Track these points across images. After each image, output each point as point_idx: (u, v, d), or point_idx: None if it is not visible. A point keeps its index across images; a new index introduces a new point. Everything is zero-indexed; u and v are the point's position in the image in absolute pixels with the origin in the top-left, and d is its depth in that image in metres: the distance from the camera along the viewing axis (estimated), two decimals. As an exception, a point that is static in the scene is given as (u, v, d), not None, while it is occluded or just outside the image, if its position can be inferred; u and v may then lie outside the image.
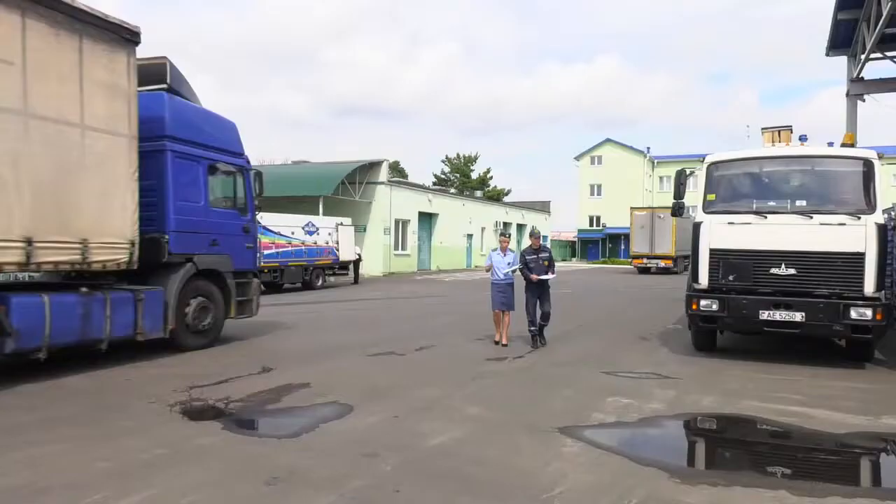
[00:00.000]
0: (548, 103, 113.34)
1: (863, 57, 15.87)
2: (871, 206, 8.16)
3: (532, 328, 10.09)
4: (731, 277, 8.65)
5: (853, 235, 8.07)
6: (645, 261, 35.72)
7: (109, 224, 7.99)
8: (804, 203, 8.58)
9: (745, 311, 8.50)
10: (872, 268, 8.00)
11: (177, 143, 9.21)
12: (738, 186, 9.18)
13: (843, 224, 8.14)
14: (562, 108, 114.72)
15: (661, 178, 63.35)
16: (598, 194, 63.95)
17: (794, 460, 5.31)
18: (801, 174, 8.90)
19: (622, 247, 56.73)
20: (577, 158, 65.85)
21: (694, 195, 9.33)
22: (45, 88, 7.13)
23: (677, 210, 9.59)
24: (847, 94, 17.36)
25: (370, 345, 10.17)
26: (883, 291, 8.17)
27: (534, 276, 9.88)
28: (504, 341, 10.06)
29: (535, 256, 10.01)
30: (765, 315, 8.38)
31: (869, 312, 7.93)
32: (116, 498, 3.98)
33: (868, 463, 5.35)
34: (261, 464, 4.64)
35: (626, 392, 7.03)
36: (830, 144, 9.05)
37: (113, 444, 5.04)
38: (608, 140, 64.71)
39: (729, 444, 5.85)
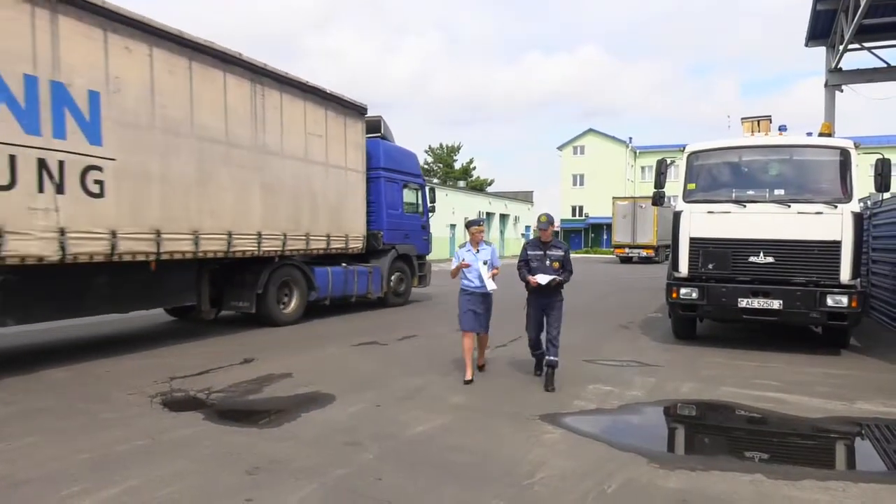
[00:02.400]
0: (531, 94, 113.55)
1: (841, 48, 16.04)
2: (847, 195, 8.28)
3: (536, 352, 7.20)
4: (710, 266, 8.74)
5: (830, 224, 8.18)
6: (627, 250, 36.02)
7: (356, 226, 13.26)
8: (782, 192, 8.67)
9: (724, 300, 8.60)
10: (848, 256, 8.12)
11: (386, 172, 14.14)
12: (718, 175, 9.25)
13: (820, 213, 8.24)
14: (545, 98, 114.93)
15: (642, 168, 63.77)
16: (581, 184, 64.18)
17: (771, 445, 5.39)
18: (779, 163, 8.99)
19: (605, 236, 57.11)
20: (560, 149, 65.98)
21: (675, 185, 9.40)
22: (334, 149, 12.44)
23: (658, 199, 9.66)
24: (826, 85, 17.54)
25: (354, 334, 10.18)
26: (858, 279, 8.31)
27: (533, 279, 6.69)
28: (472, 374, 6.94)
29: (542, 253, 6.86)
30: (743, 303, 8.49)
31: (845, 300, 8.06)
32: (96, 490, 3.95)
33: (842, 447, 5.45)
34: (242, 453, 4.63)
35: (606, 379, 7.10)
36: (809, 134, 9.14)
37: (92, 436, 5.00)
38: (591, 130, 64.87)
39: (707, 430, 5.93)
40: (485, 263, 6.90)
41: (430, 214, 15.91)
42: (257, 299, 10.63)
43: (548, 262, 6.74)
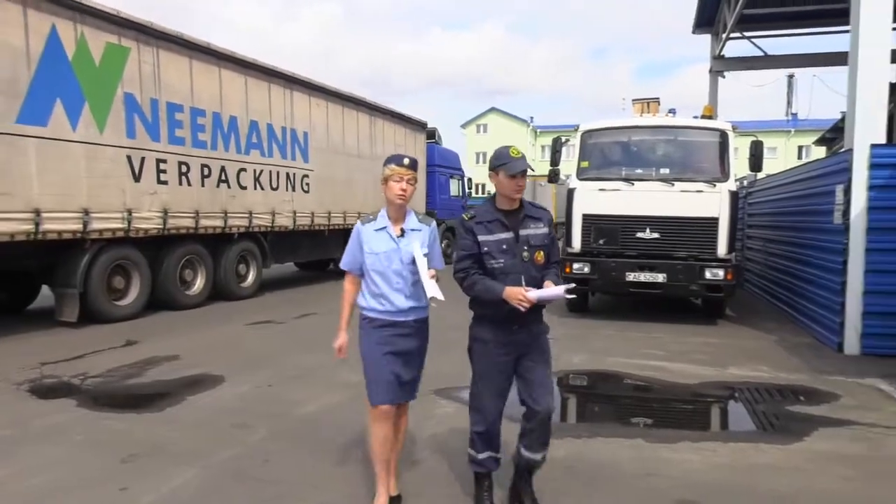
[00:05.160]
0: (433, 71, 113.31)
1: (724, 36, 16.97)
2: (725, 175, 8.80)
3: (484, 454, 3.39)
4: (601, 241, 9.07)
5: (709, 202, 8.67)
6: (527, 228, 36.82)
7: (420, 206, 16.62)
8: (667, 171, 9.10)
9: (614, 274, 8.96)
10: (725, 232, 8.66)
11: (438, 168, 19.00)
12: (609, 154, 9.58)
13: (701, 191, 8.72)
14: (447, 75, 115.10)
15: (542, 147, 65.25)
16: (484, 162, 64.51)
17: (653, 410, 5.68)
18: (664, 143, 9.42)
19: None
20: (464, 126, 66.42)
21: (571, 163, 9.64)
22: (409, 153, 12.06)
23: (553, 177, 9.91)
24: (710, 71, 18.54)
25: (248, 313, 9.83)
26: (734, 254, 8.89)
27: (523, 295, 3.01)
28: (388, 495, 3.42)
29: (509, 234, 3.22)
30: (631, 277, 8.88)
31: (721, 273, 8.61)
32: (-55, 487, 3.59)
33: (716, 409, 5.82)
34: (119, 440, 4.36)
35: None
36: (696, 117, 9.63)
37: (-56, 429, 4.55)
38: (493, 109, 65.65)
39: (596, 399, 6.17)
40: (425, 256, 3.28)
41: (467, 198, 21.39)
42: None
43: (525, 254, 3.19)
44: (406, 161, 3.26)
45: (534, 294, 3.04)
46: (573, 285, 3.42)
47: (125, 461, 3.99)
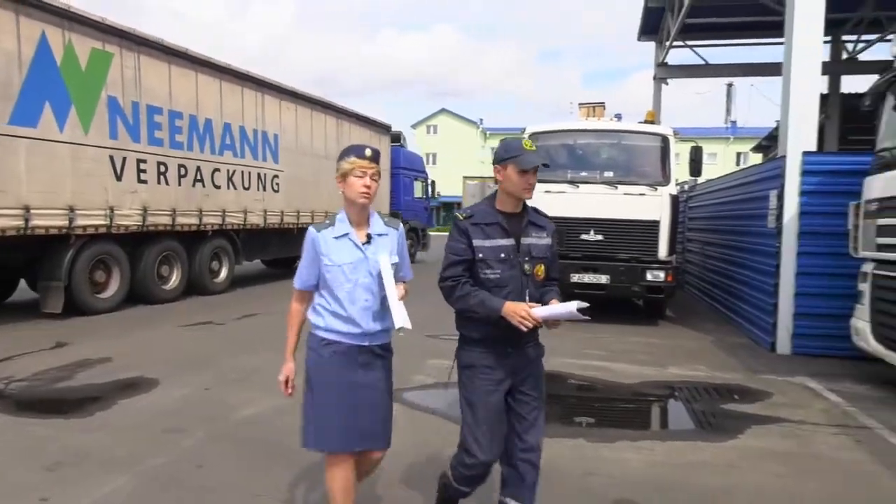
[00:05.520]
0: (384, 71, 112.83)
1: (668, 44, 17.41)
2: (666, 179, 9.02)
3: (464, 489, 2.94)
4: (547, 243, 9.15)
5: (650, 205, 8.88)
6: (476, 229, 37.10)
7: (385, 207, 17.82)
8: (611, 174, 9.26)
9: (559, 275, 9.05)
10: (665, 234, 8.88)
11: (402, 170, 19.64)
12: (556, 157, 9.69)
13: (643, 194, 8.92)
14: (398, 76, 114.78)
15: (492, 149, 65.33)
16: (434, 163, 64.92)
17: (595, 410, 5.76)
18: (609, 147, 9.59)
19: (456, 214, 58.36)
20: (414, 127, 66.33)
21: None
22: None
23: (500, 178, 9.96)
24: (654, 78, 19.00)
25: (187, 314, 9.55)
26: (674, 256, 9.12)
27: (527, 314, 2.57)
28: None
29: (509, 242, 2.77)
30: (575, 278, 9.01)
31: (662, 275, 8.82)
32: None
33: (656, 408, 5.94)
34: (43, 447, 4.14)
35: (447, 354, 7.13)
36: (640, 122, 9.84)
37: None
38: (444, 110, 65.79)
39: (539, 399, 6.20)
40: (393, 266, 2.76)
41: (430, 200, 22.38)
42: None
43: (526, 266, 2.79)
44: (368, 152, 2.67)
45: (540, 312, 2.59)
46: (587, 304, 2.53)
47: (50, 469, 3.80)
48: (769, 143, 21.64)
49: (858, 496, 3.78)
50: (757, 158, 25.92)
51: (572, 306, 2.52)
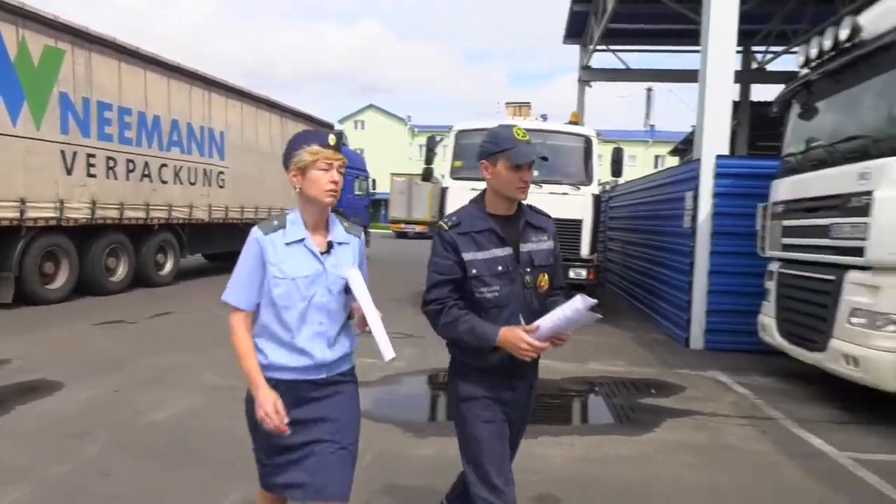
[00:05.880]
0: (315, 64, 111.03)
1: (591, 48, 17.87)
2: (589, 179, 9.23)
3: None
4: (473, 241, 9.20)
5: (574, 204, 9.06)
6: (403, 226, 37.02)
7: None
8: (536, 173, 9.36)
9: (484, 272, 9.12)
10: (588, 233, 9.09)
11: (348, 169, 17.89)
12: (482, 155, 9.74)
13: (567, 194, 9.09)
14: (328, 70, 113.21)
15: (420, 146, 65.49)
16: (362, 159, 64.47)
17: (518, 406, 5.81)
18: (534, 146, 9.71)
19: (383, 212, 58.11)
20: (341, 122, 65.40)
21: (447, 164, 9.70)
22: None
23: (427, 175, 9.96)
24: (578, 80, 19.47)
25: (96, 311, 9.06)
26: (596, 254, 9.35)
27: (520, 340, 2.13)
28: None
29: (507, 251, 2.33)
30: (501, 275, 9.07)
31: (584, 272, 9.03)
32: None
33: (577, 403, 6.07)
34: (-74, 459, 3.80)
35: (371, 352, 7.10)
36: (565, 123, 10.02)
37: None
38: (371, 106, 65.32)
39: (464, 396, 6.21)
40: (350, 286, 2.29)
41: (370, 198, 22.54)
42: None
43: (528, 278, 2.35)
44: (332, 139, 2.14)
45: (543, 332, 2.12)
46: (594, 301, 2.07)
47: (-68, 482, 3.49)
48: (685, 146, 22.56)
49: (764, 487, 3.96)
50: (674, 161, 27.01)
51: (578, 304, 2.05)
